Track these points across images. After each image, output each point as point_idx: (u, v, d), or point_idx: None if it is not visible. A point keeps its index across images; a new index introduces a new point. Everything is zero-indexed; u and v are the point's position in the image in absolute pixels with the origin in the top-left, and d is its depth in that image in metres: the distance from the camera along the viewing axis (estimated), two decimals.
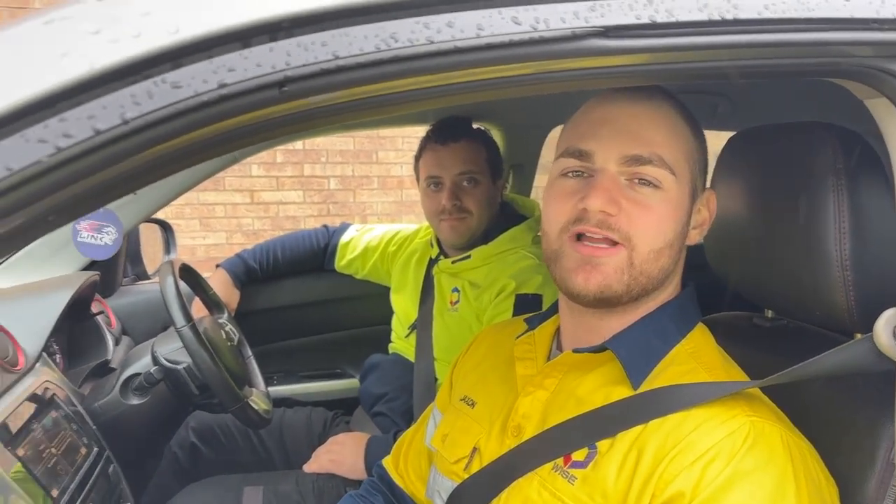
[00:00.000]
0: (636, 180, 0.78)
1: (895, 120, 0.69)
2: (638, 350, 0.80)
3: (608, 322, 0.83)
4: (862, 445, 0.76)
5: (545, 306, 1.43)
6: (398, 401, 1.64)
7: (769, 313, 1.00)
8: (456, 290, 1.62)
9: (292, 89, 0.45)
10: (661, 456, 0.70)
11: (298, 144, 4.55)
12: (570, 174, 0.81)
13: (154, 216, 1.84)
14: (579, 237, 0.78)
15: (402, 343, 1.76)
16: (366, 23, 0.46)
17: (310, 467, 1.48)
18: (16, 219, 0.41)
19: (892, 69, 0.65)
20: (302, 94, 0.46)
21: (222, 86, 0.43)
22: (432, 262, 1.71)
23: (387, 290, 1.87)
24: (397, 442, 1.17)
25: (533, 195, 2.01)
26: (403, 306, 1.78)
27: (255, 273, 1.89)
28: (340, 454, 1.48)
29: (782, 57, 0.64)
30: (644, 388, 0.77)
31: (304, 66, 0.44)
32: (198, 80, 0.43)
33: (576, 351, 0.83)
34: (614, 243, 0.77)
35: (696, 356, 0.80)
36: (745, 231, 0.92)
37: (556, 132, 2.05)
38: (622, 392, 0.78)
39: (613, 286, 0.78)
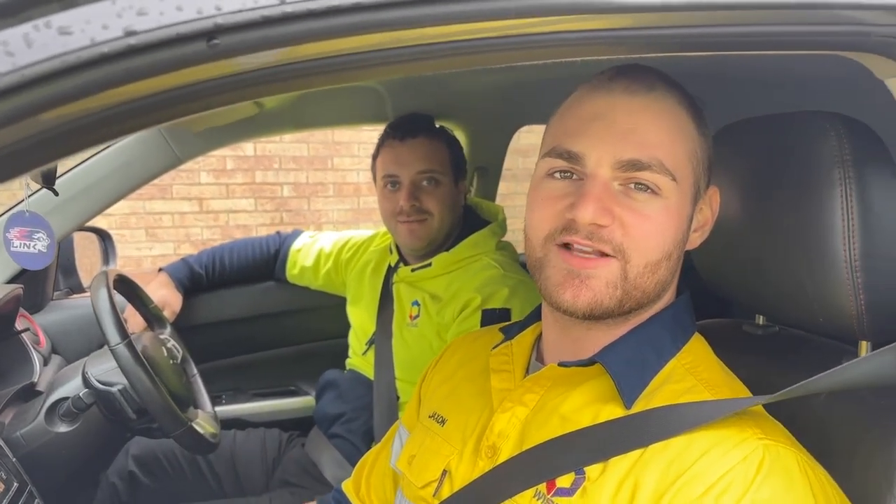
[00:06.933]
0: (632, 185, 0.70)
1: None
2: (631, 365, 0.72)
3: (596, 333, 0.75)
4: (873, 464, 0.69)
5: (514, 320, 1.36)
6: (357, 421, 1.53)
7: (760, 319, 0.93)
8: (416, 303, 1.52)
9: (225, 43, 0.34)
10: (664, 487, 0.62)
11: (249, 150, 4.40)
12: (556, 174, 0.73)
13: (92, 224, 1.69)
14: (567, 245, 0.71)
15: (359, 360, 1.64)
16: None
17: None
18: None
19: None
20: (237, 51, 0.35)
21: (129, 34, 0.32)
22: (391, 271, 1.60)
23: (343, 300, 1.75)
24: (359, 463, 1.07)
25: (498, 200, 1.93)
26: (360, 319, 1.67)
27: (199, 279, 1.76)
28: None
29: (792, 23, 0.57)
30: (638, 407, 0.70)
31: (240, 11, 0.34)
32: (95, 24, 0.32)
33: (561, 364, 0.75)
34: (606, 255, 0.70)
35: (695, 372, 0.73)
36: (736, 230, 0.85)
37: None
38: (613, 411, 0.71)
39: (604, 302, 0.70)
